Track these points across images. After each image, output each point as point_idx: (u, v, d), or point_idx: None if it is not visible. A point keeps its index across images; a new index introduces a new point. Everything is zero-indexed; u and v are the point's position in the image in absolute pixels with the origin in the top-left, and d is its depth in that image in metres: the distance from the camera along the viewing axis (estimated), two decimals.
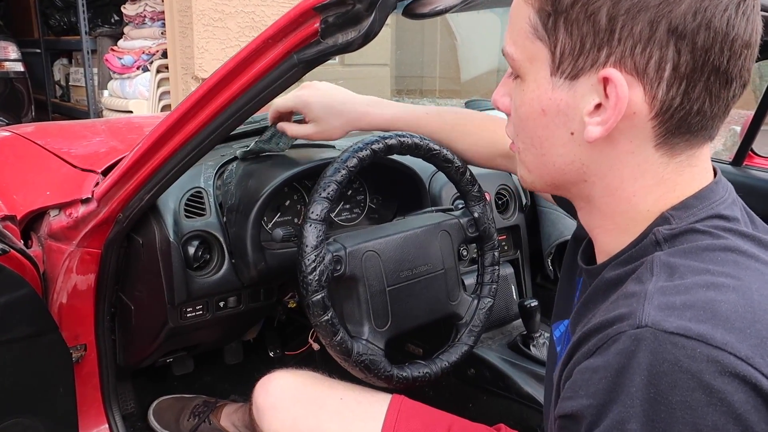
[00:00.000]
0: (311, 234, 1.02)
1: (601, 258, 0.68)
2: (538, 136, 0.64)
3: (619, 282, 0.60)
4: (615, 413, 0.50)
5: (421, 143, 1.15)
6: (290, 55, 0.81)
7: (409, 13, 0.79)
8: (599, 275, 0.65)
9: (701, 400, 0.48)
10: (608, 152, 0.61)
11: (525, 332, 1.48)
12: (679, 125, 0.58)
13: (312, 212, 1.03)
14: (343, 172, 1.06)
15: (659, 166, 0.61)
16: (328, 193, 1.04)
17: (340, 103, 1.16)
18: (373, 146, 1.10)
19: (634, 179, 0.61)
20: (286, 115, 1.23)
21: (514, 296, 1.63)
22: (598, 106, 0.58)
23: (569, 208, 1.01)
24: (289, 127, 1.21)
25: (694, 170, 0.62)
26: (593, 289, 0.65)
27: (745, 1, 0.56)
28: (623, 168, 0.61)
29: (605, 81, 0.57)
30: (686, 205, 0.61)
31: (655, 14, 0.55)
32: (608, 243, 0.66)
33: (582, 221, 0.70)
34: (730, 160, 1.65)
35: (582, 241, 0.76)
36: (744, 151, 1.63)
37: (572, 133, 0.61)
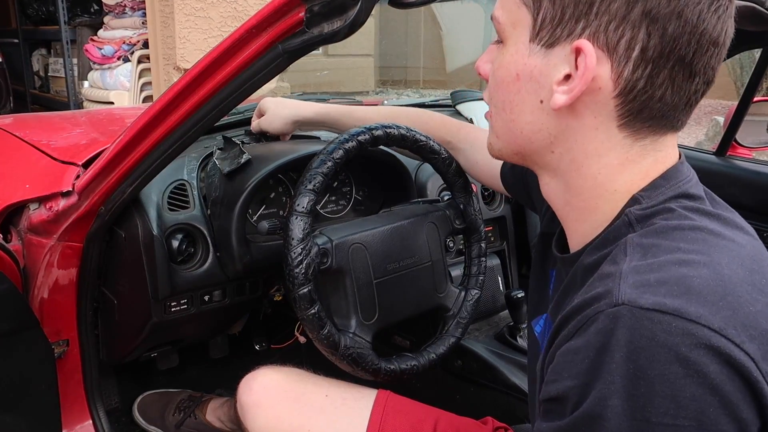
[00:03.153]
0: (297, 227, 1.01)
1: (573, 245, 0.70)
2: (509, 100, 0.66)
3: (596, 266, 0.62)
4: (597, 391, 0.52)
5: (408, 134, 1.14)
6: (275, 45, 0.80)
7: (396, 2, 0.78)
8: (576, 262, 0.67)
9: (678, 373, 0.49)
10: (574, 125, 0.63)
11: (512, 323, 1.48)
12: (641, 109, 0.61)
13: (298, 204, 1.02)
14: (329, 164, 1.05)
15: (623, 147, 0.63)
16: (314, 185, 1.03)
17: (291, 101, 1.35)
18: (359, 137, 1.09)
19: (598, 156, 0.64)
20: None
21: (501, 287, 1.63)
22: (568, 77, 0.61)
23: (526, 200, 1.03)
24: (253, 123, 1.39)
25: (659, 155, 0.64)
26: (571, 277, 0.67)
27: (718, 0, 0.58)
28: (588, 143, 0.63)
29: (577, 51, 0.59)
30: (655, 186, 0.63)
31: None
32: (578, 223, 0.68)
33: (548, 198, 0.71)
34: (714, 150, 1.65)
35: (550, 237, 0.78)
36: (728, 141, 1.64)
37: (541, 101, 0.64)
